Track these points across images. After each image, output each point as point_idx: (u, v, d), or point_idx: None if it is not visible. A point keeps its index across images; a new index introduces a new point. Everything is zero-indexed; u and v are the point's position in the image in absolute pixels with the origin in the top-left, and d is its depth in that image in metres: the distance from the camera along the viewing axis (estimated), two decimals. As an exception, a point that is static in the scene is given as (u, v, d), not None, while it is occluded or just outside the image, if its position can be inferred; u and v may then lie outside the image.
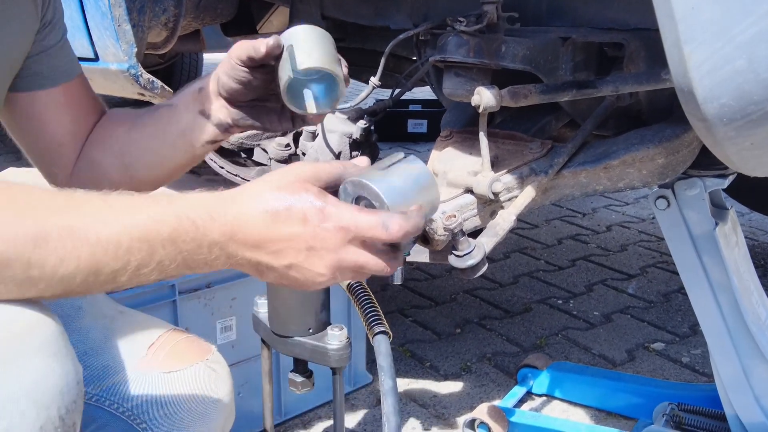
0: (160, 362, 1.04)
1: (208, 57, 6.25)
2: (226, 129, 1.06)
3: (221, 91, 1.03)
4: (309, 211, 0.76)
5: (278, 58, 0.95)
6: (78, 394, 0.73)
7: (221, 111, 1.05)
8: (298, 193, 0.76)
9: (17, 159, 3.87)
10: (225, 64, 1.02)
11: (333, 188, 0.78)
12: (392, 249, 0.79)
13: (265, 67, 1.00)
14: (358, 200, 0.78)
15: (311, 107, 0.94)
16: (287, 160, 1.57)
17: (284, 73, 0.93)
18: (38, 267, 0.68)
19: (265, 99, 1.05)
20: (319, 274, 0.78)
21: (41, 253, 0.68)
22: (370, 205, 0.77)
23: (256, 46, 0.96)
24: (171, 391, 1.04)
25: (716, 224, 1.29)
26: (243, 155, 1.67)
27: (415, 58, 1.60)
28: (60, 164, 1.11)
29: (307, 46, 0.93)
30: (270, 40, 0.96)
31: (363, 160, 0.84)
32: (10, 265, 0.67)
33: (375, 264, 0.77)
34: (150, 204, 0.73)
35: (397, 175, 0.78)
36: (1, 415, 0.67)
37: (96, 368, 1.03)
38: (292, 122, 1.07)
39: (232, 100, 1.04)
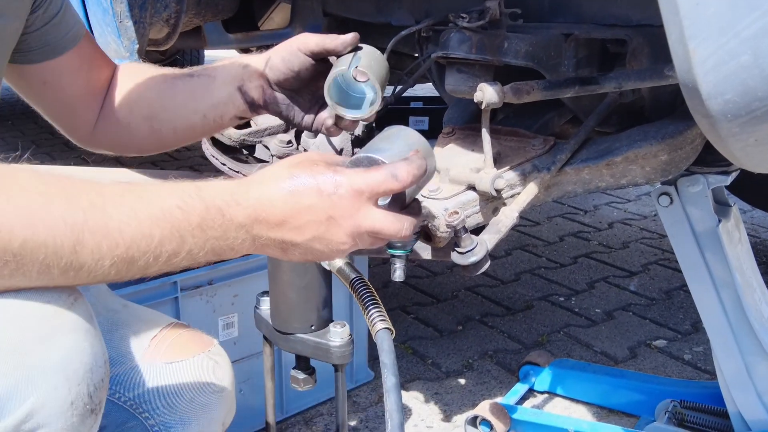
0: (163, 353, 1.06)
1: (209, 53, 6.25)
2: (256, 109, 1.10)
3: (269, 72, 1.06)
4: (322, 182, 0.78)
5: (338, 56, 1.01)
6: (105, 374, 0.76)
7: (258, 91, 1.08)
8: (309, 169, 0.79)
9: (18, 157, 3.87)
10: (283, 49, 1.05)
11: None
12: (405, 211, 0.83)
13: (319, 63, 1.04)
14: None
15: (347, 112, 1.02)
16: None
17: (337, 70, 0.98)
18: (75, 269, 0.71)
19: (300, 93, 1.09)
20: (341, 243, 0.81)
21: (79, 257, 0.70)
22: None
23: (330, 38, 1.02)
24: (173, 381, 1.05)
25: (719, 221, 1.29)
26: (245, 152, 1.67)
27: (417, 54, 1.60)
28: (80, 123, 1.13)
29: (368, 60, 1.00)
30: (347, 37, 1.01)
31: None
32: (50, 271, 0.70)
33: (390, 225, 0.80)
34: (178, 194, 0.75)
35: (395, 143, 0.84)
36: (34, 389, 0.70)
37: None
38: (312, 123, 1.10)
39: (274, 84, 1.07)
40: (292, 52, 1.04)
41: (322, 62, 1.05)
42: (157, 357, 1.05)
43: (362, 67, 0.98)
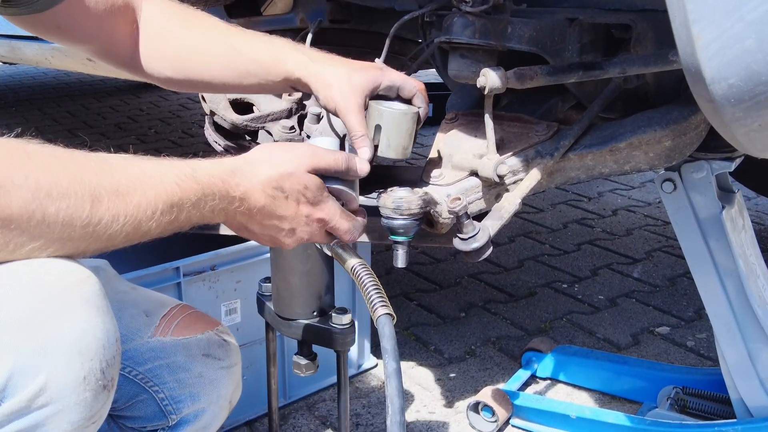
0: (173, 331, 1.09)
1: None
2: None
3: (323, 101, 1.11)
4: (303, 204, 0.90)
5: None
6: (117, 351, 0.78)
7: (307, 88, 1.13)
8: (297, 188, 0.89)
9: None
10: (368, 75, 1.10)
11: (332, 174, 0.93)
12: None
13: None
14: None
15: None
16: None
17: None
18: (94, 225, 0.74)
19: None
20: (286, 244, 0.93)
21: (97, 212, 0.74)
22: None
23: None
24: (183, 357, 1.08)
25: (723, 208, 1.28)
26: (247, 138, 1.67)
27: (420, 39, 1.59)
28: (117, 57, 1.17)
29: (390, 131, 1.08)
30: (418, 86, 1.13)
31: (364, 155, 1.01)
32: (72, 222, 0.73)
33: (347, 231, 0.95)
34: (175, 172, 0.81)
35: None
36: (46, 363, 0.71)
37: None
38: None
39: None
40: (374, 72, 1.10)
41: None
42: (167, 334, 1.08)
43: (383, 152, 1.07)
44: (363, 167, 0.96)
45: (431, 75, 4.09)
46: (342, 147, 1.03)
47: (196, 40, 1.16)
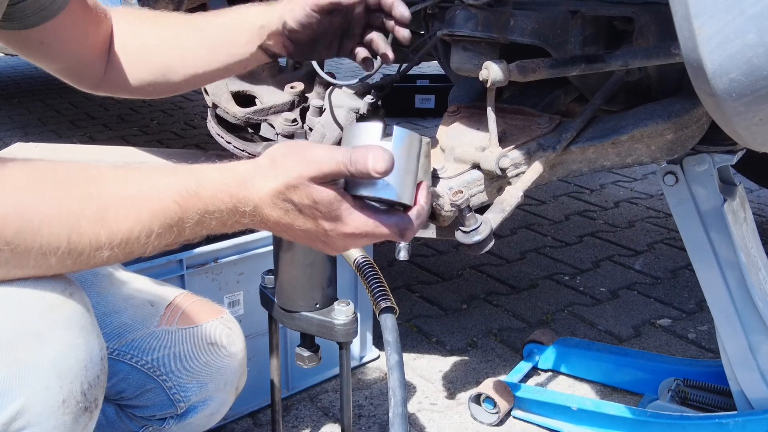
0: (178, 320, 1.11)
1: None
2: (278, 58, 1.14)
3: (285, 31, 1.07)
4: (320, 218, 0.78)
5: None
6: (102, 370, 0.75)
7: (279, 46, 1.10)
8: (307, 203, 0.77)
9: (24, 135, 3.88)
10: (296, 10, 1.06)
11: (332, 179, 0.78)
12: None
13: (332, 13, 1.07)
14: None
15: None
16: (294, 135, 1.57)
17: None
18: (74, 257, 0.71)
19: (318, 37, 1.10)
20: (334, 249, 0.83)
21: (77, 246, 0.70)
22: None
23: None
24: (189, 345, 1.09)
25: (724, 200, 1.28)
26: (250, 130, 1.67)
27: (422, 32, 1.59)
28: (86, 73, 1.15)
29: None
30: None
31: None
32: (47, 259, 0.69)
33: (382, 232, 0.81)
34: (176, 188, 0.75)
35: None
36: (24, 387, 0.69)
37: (116, 326, 1.08)
38: (339, 53, 1.12)
39: (292, 38, 1.09)
40: (307, 14, 1.06)
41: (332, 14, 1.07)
42: (172, 323, 1.09)
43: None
44: (377, 165, 0.75)
45: (434, 66, 4.09)
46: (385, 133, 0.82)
47: (168, 35, 1.14)
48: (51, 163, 0.72)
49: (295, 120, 1.54)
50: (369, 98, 1.54)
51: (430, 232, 1.24)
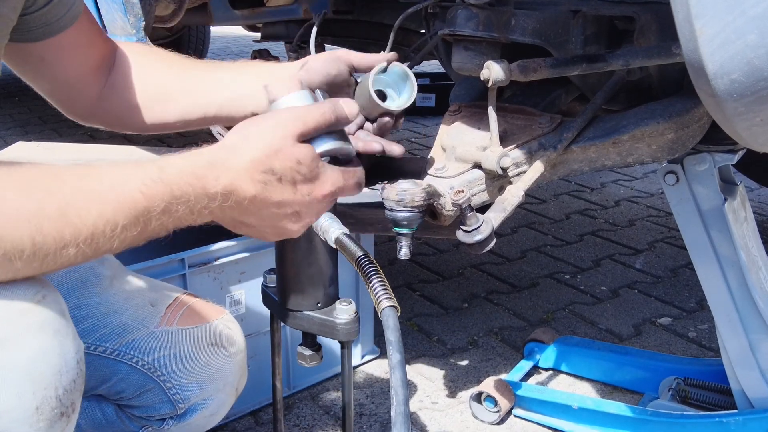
0: (179, 320, 1.10)
1: (215, 30, 6.22)
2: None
3: (304, 73, 1.07)
4: (300, 183, 0.80)
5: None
6: (78, 374, 0.73)
7: (284, 90, 1.07)
8: (289, 165, 0.78)
9: (25, 133, 3.88)
10: (325, 55, 1.09)
11: (321, 132, 0.82)
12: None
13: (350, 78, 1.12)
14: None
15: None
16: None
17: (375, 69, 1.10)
18: (40, 259, 0.69)
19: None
20: (293, 232, 0.84)
21: (42, 248, 0.68)
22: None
23: (372, 56, 1.12)
24: (189, 346, 1.08)
25: (725, 200, 1.28)
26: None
27: (423, 31, 1.59)
28: (79, 99, 1.13)
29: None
30: (387, 55, 1.12)
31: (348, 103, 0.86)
32: (12, 264, 0.67)
33: (347, 182, 0.86)
34: (140, 177, 0.73)
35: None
36: None
37: (116, 326, 1.08)
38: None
39: (306, 84, 1.05)
40: (333, 58, 1.08)
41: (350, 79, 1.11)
42: (173, 323, 1.09)
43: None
44: (351, 108, 0.84)
45: (434, 65, 4.08)
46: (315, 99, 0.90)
47: (168, 77, 1.13)
48: (6, 166, 0.70)
49: (296, 119, 1.54)
50: (370, 97, 1.54)
51: (432, 231, 1.25)
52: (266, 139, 0.78)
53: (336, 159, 0.85)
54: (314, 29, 1.53)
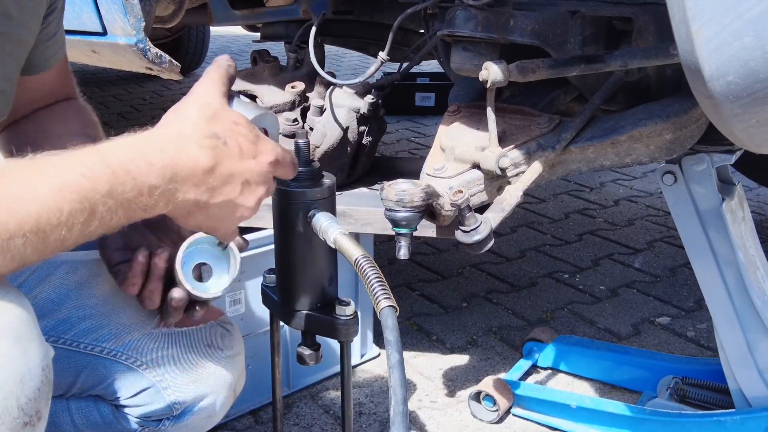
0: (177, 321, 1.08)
1: (215, 30, 6.22)
2: None
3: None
4: (245, 146, 0.79)
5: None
6: (43, 381, 0.70)
7: None
8: (229, 127, 0.79)
9: None
10: None
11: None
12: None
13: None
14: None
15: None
16: (295, 135, 1.57)
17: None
18: None
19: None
20: (247, 209, 0.82)
21: None
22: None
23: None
24: (186, 346, 1.08)
25: (723, 200, 1.29)
26: (251, 129, 1.67)
27: (423, 31, 1.60)
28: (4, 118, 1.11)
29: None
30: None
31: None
32: None
33: (283, 152, 0.86)
34: (80, 161, 0.72)
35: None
36: None
37: (114, 327, 1.07)
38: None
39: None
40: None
41: None
42: (171, 324, 1.08)
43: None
44: (228, 60, 0.86)
45: (434, 64, 4.09)
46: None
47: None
48: None
49: (296, 119, 1.55)
50: (369, 98, 1.55)
51: (431, 231, 1.25)
52: (199, 107, 0.78)
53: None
54: (313, 29, 1.53)
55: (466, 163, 1.20)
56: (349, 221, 1.44)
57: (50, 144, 1.02)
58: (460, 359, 1.88)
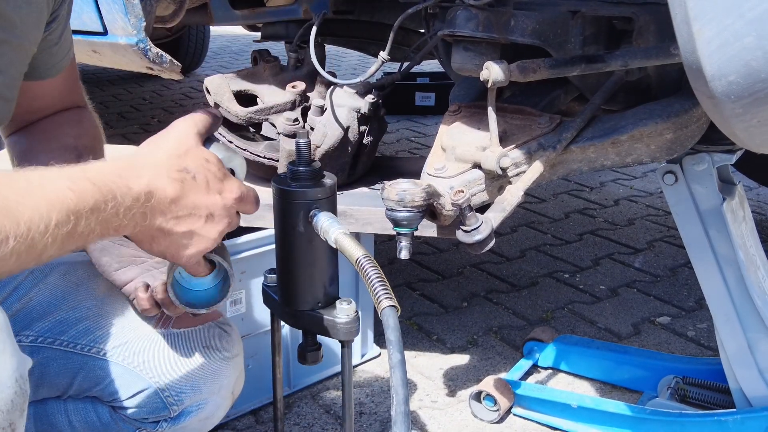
0: (174, 322, 1.09)
1: (215, 30, 6.22)
2: None
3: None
4: (212, 182, 0.85)
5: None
6: (18, 392, 0.69)
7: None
8: (200, 163, 0.85)
9: None
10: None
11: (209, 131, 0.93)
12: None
13: None
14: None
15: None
16: (295, 135, 1.58)
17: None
18: None
19: None
20: (209, 239, 0.87)
21: None
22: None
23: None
24: (184, 348, 1.08)
25: (723, 199, 1.29)
26: (252, 130, 1.68)
27: (423, 31, 1.60)
28: (3, 126, 1.13)
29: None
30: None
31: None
32: None
33: (247, 190, 0.92)
34: (66, 176, 0.74)
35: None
36: None
37: (111, 328, 1.07)
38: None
39: None
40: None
41: None
42: (167, 325, 1.09)
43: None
44: (215, 111, 0.94)
45: (434, 64, 4.09)
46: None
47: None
48: None
49: (296, 119, 1.55)
50: (370, 97, 1.55)
51: (431, 231, 1.25)
52: (174, 143, 0.85)
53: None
54: (314, 29, 1.53)
55: (467, 163, 1.20)
56: (350, 221, 1.44)
57: (36, 160, 1.06)
58: (461, 359, 1.88)
